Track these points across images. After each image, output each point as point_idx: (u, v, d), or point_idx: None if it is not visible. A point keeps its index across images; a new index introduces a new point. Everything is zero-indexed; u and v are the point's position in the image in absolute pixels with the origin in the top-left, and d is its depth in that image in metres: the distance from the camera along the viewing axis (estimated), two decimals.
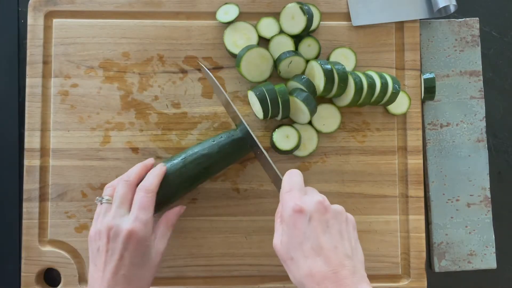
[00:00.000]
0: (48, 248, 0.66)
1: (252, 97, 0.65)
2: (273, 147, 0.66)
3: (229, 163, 0.64)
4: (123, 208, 0.55)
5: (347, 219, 0.52)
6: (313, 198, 0.50)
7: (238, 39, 0.67)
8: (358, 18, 0.69)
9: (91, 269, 0.54)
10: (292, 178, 0.53)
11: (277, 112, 0.64)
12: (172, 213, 0.60)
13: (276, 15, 0.68)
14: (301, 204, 0.49)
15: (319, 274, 0.46)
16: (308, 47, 0.68)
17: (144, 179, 0.57)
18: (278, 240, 0.51)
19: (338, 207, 0.51)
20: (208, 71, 0.62)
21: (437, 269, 0.70)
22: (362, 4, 0.70)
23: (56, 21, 0.68)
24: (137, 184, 0.57)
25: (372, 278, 0.68)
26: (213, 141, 0.62)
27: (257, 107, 0.65)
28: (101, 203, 0.56)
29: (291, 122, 0.67)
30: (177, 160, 0.61)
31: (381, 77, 0.65)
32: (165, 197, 0.60)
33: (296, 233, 0.49)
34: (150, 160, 0.61)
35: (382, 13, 0.70)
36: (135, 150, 0.67)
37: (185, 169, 0.60)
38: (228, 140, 0.62)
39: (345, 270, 0.47)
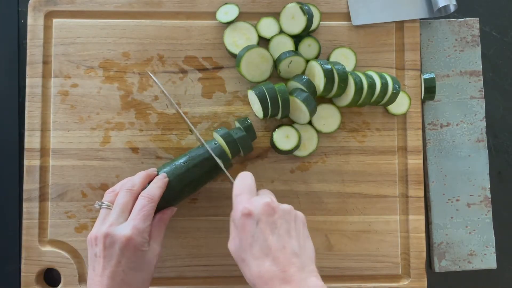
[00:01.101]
0: (48, 248, 0.66)
1: (252, 96, 0.65)
2: (273, 147, 0.66)
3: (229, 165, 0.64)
4: (123, 217, 0.55)
5: (296, 218, 0.53)
6: (261, 200, 0.51)
7: (238, 39, 0.67)
8: (358, 18, 0.69)
9: (90, 273, 0.54)
10: (242, 182, 0.55)
11: (277, 111, 0.64)
12: (165, 215, 0.60)
13: (276, 15, 0.68)
14: (249, 207, 0.51)
15: (267, 274, 0.48)
16: (308, 47, 0.68)
17: (148, 187, 0.58)
18: (231, 243, 0.52)
19: (286, 207, 0.52)
20: (157, 81, 0.63)
21: (437, 269, 0.70)
22: (362, 3, 0.70)
23: (56, 21, 0.68)
24: (139, 193, 0.57)
25: (372, 278, 0.68)
26: (215, 144, 0.62)
27: (256, 107, 0.65)
28: (100, 208, 0.57)
29: (291, 122, 0.67)
30: (180, 164, 0.60)
31: (381, 77, 0.65)
32: (166, 202, 0.60)
33: (245, 235, 0.50)
34: (153, 170, 0.61)
35: (382, 13, 0.70)
36: (135, 150, 0.67)
37: (187, 173, 0.60)
38: (230, 139, 0.62)
39: (293, 267, 0.48)
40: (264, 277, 0.48)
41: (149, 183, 0.59)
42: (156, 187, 0.58)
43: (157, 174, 0.61)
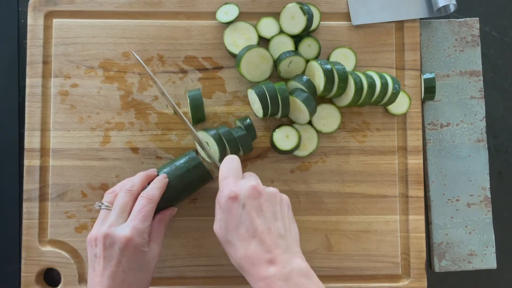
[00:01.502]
0: (48, 248, 0.66)
1: (252, 95, 0.65)
2: (273, 147, 0.66)
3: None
4: (122, 217, 0.55)
5: (281, 200, 0.54)
6: (247, 183, 0.52)
7: (238, 39, 0.67)
8: (358, 18, 0.69)
9: (90, 273, 0.54)
10: (228, 165, 0.56)
11: (277, 110, 0.64)
12: (165, 216, 0.60)
13: (276, 15, 0.68)
14: (235, 190, 0.52)
15: (254, 255, 0.50)
16: (308, 47, 0.68)
17: (148, 188, 0.58)
18: (217, 225, 0.53)
19: (272, 190, 0.54)
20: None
21: (437, 269, 0.70)
22: (362, 3, 0.70)
23: (56, 21, 0.68)
24: (139, 194, 0.57)
25: (372, 278, 0.68)
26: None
27: (256, 106, 0.65)
28: (100, 209, 0.57)
29: (291, 122, 0.67)
30: (180, 164, 0.60)
31: (381, 77, 0.65)
32: (166, 202, 0.60)
33: (231, 218, 0.51)
34: (153, 171, 0.61)
35: (381, 12, 0.70)
36: (135, 150, 0.67)
37: (188, 174, 0.60)
38: (230, 138, 0.62)
39: (278, 249, 0.50)
40: (251, 258, 0.50)
41: (149, 183, 0.59)
42: (156, 188, 0.58)
43: (157, 175, 0.61)
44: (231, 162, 0.56)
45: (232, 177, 0.54)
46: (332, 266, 0.67)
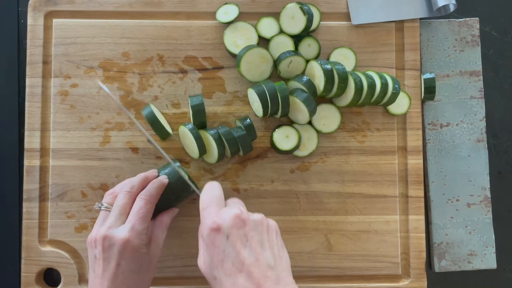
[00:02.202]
0: (48, 248, 0.66)
1: (252, 95, 0.65)
2: (273, 147, 0.66)
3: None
4: (121, 219, 0.55)
5: (268, 227, 0.50)
6: (230, 212, 0.49)
7: (238, 39, 0.67)
8: (357, 17, 0.69)
9: (91, 275, 0.54)
10: (209, 194, 0.52)
11: (277, 109, 0.64)
12: (167, 216, 0.60)
13: (276, 15, 0.68)
14: (217, 221, 0.48)
15: None
16: (308, 47, 0.68)
17: (146, 188, 0.58)
18: (201, 260, 0.50)
19: (257, 217, 0.50)
20: (108, 91, 0.60)
21: (437, 269, 0.70)
22: (361, 3, 0.70)
23: (56, 21, 0.68)
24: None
25: (372, 278, 0.68)
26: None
27: (256, 105, 0.65)
28: (100, 209, 0.57)
29: (291, 122, 0.67)
30: (180, 164, 0.61)
31: (381, 77, 0.65)
32: (167, 203, 0.60)
33: (216, 251, 0.48)
34: (153, 172, 0.61)
35: (381, 12, 0.70)
36: (135, 150, 0.67)
37: (188, 174, 0.60)
38: (230, 137, 0.62)
39: (268, 281, 0.46)
40: None
41: None
42: (154, 188, 0.58)
43: (158, 175, 0.61)
44: (212, 190, 0.52)
45: (214, 206, 0.50)
46: (332, 266, 0.67)
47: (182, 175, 0.59)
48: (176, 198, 0.61)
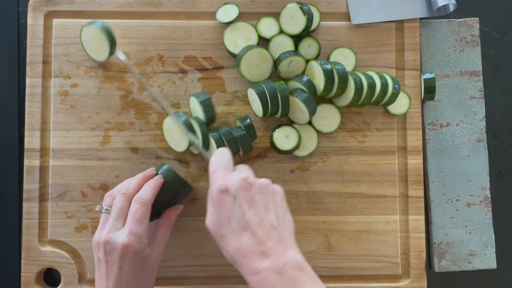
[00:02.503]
0: (48, 248, 0.66)
1: (252, 94, 0.65)
2: (273, 147, 0.66)
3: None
4: (120, 222, 0.56)
5: (273, 191, 0.53)
6: (238, 175, 0.51)
7: (238, 39, 0.67)
8: (357, 17, 0.69)
9: (96, 276, 0.56)
10: (218, 158, 0.54)
11: (277, 109, 0.64)
12: (171, 214, 0.60)
13: (276, 15, 0.68)
14: (225, 184, 0.51)
15: (246, 247, 0.49)
16: (308, 47, 0.68)
17: (141, 190, 0.58)
18: (209, 219, 0.52)
19: (263, 181, 0.52)
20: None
21: (437, 269, 0.70)
22: (361, 2, 0.70)
23: (56, 21, 0.68)
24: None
25: (372, 278, 0.68)
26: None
27: (256, 105, 0.65)
28: (101, 212, 0.57)
29: (291, 122, 0.67)
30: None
31: (381, 77, 0.65)
32: (169, 201, 0.60)
33: (223, 211, 0.50)
34: (151, 171, 0.61)
35: (381, 12, 0.70)
36: (135, 150, 0.67)
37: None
38: (230, 137, 0.63)
39: (271, 240, 0.49)
40: (243, 251, 0.49)
41: None
42: (149, 189, 0.58)
43: (157, 173, 0.61)
44: (221, 155, 0.55)
45: (222, 169, 0.53)
46: (332, 266, 0.67)
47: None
48: (176, 196, 0.61)
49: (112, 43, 0.61)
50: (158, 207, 0.59)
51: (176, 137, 0.63)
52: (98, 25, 0.61)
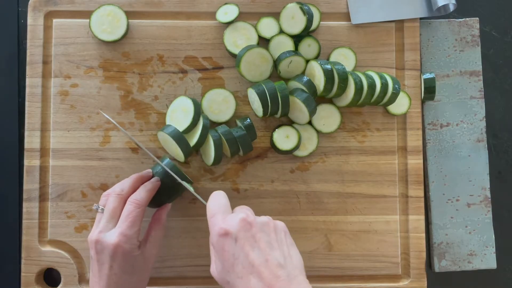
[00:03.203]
0: (48, 248, 0.66)
1: (252, 94, 0.65)
2: (273, 147, 0.67)
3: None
4: (112, 222, 0.56)
5: (276, 228, 0.51)
6: (236, 217, 0.49)
7: (238, 39, 0.67)
8: (357, 17, 0.69)
9: (91, 274, 0.56)
10: (214, 202, 0.53)
11: (277, 109, 0.64)
12: (161, 215, 0.61)
13: (276, 15, 0.68)
14: (224, 227, 0.49)
15: None
16: (308, 47, 0.68)
17: (137, 191, 0.58)
18: (213, 267, 0.51)
19: (263, 219, 0.50)
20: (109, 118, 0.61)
21: (437, 269, 0.70)
22: (361, 2, 0.70)
23: (56, 21, 0.68)
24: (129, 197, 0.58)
25: (372, 278, 0.68)
26: (169, 163, 0.62)
27: (256, 105, 0.65)
28: (97, 211, 0.58)
29: (291, 122, 0.67)
30: (170, 162, 0.61)
31: (381, 77, 0.65)
32: (161, 201, 0.60)
33: (226, 256, 0.48)
34: (148, 172, 0.61)
35: (381, 12, 0.70)
36: (135, 150, 0.67)
37: (180, 170, 0.61)
38: (230, 137, 0.63)
39: (279, 281, 0.46)
40: None
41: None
42: (145, 191, 0.58)
43: (153, 175, 0.61)
44: (217, 199, 0.53)
45: (221, 213, 0.51)
46: (332, 266, 0.67)
47: (179, 181, 0.59)
48: (170, 196, 0.62)
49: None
50: (151, 204, 0.59)
51: (174, 149, 0.63)
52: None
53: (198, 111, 0.62)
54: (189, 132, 0.63)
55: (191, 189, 0.59)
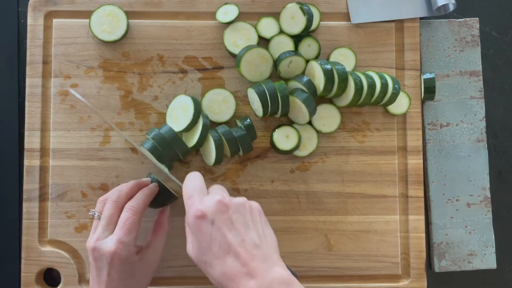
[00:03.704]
0: (48, 248, 0.66)
1: (252, 94, 0.65)
2: (273, 147, 0.67)
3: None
4: (109, 230, 0.56)
5: (251, 208, 0.52)
6: (212, 198, 0.50)
7: (238, 39, 0.67)
8: (357, 16, 0.69)
9: (90, 278, 0.56)
10: (190, 183, 0.53)
11: (277, 109, 0.64)
12: (163, 221, 0.61)
13: (276, 15, 0.68)
14: (201, 209, 0.50)
15: (231, 271, 0.48)
16: (308, 47, 0.68)
17: (134, 198, 0.58)
18: (190, 247, 0.52)
19: (239, 200, 0.52)
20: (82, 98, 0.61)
21: (437, 269, 0.70)
22: (361, 2, 0.70)
23: (56, 21, 0.68)
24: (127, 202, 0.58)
25: (372, 278, 0.68)
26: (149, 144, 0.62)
27: (256, 105, 0.65)
28: (94, 218, 0.58)
29: (291, 122, 0.67)
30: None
31: (381, 77, 0.65)
32: (163, 198, 0.61)
33: (203, 237, 0.49)
34: (147, 180, 0.61)
35: (381, 11, 0.70)
36: (135, 150, 0.67)
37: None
38: (230, 137, 0.63)
39: (255, 260, 0.48)
40: (229, 275, 0.48)
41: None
42: (142, 197, 0.58)
43: (151, 181, 0.61)
44: (193, 179, 0.54)
45: (196, 194, 0.52)
46: (332, 266, 0.67)
47: (162, 170, 0.60)
48: (168, 198, 0.62)
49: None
50: (169, 195, 0.60)
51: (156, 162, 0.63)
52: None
53: (198, 109, 0.62)
54: (189, 131, 0.63)
55: (165, 170, 0.60)
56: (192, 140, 0.63)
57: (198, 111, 0.63)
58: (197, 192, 0.52)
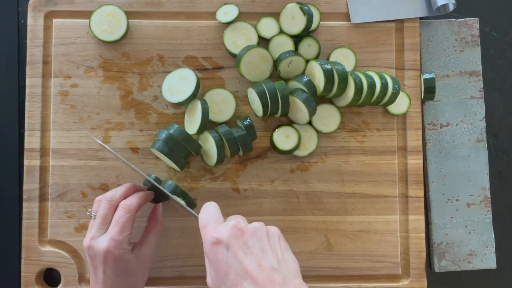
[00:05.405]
0: (48, 248, 0.66)
1: (252, 94, 0.65)
2: (273, 147, 0.67)
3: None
4: (103, 228, 0.56)
5: (269, 233, 0.50)
6: (228, 224, 0.49)
7: (238, 39, 0.67)
8: (357, 16, 0.69)
9: (90, 276, 0.57)
10: (205, 213, 0.52)
11: (276, 109, 0.64)
12: (158, 217, 0.61)
13: (276, 15, 0.68)
14: (215, 235, 0.48)
15: None
16: (308, 47, 0.68)
17: (129, 198, 0.58)
18: (209, 278, 0.50)
19: (255, 225, 0.50)
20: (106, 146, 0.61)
21: (437, 269, 0.70)
22: (361, 1, 0.70)
23: (56, 21, 0.68)
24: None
25: (372, 278, 0.68)
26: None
27: (256, 105, 0.65)
28: (91, 217, 0.58)
29: (291, 122, 0.67)
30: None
31: (381, 77, 0.65)
32: (163, 198, 0.61)
33: (219, 265, 0.47)
34: (144, 188, 0.62)
35: (381, 11, 0.70)
36: (135, 150, 0.67)
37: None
38: (230, 137, 0.63)
39: (275, 284, 0.45)
40: None
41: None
42: (136, 198, 0.58)
43: (148, 189, 0.62)
44: (209, 209, 0.52)
45: (212, 223, 0.50)
46: (332, 266, 0.68)
47: (179, 204, 0.59)
48: (164, 199, 0.62)
49: None
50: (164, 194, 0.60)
51: (170, 162, 0.63)
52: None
53: (197, 80, 0.64)
54: (191, 101, 0.65)
55: (182, 202, 0.59)
56: (193, 127, 0.63)
57: (198, 82, 0.63)
58: (212, 221, 0.51)
